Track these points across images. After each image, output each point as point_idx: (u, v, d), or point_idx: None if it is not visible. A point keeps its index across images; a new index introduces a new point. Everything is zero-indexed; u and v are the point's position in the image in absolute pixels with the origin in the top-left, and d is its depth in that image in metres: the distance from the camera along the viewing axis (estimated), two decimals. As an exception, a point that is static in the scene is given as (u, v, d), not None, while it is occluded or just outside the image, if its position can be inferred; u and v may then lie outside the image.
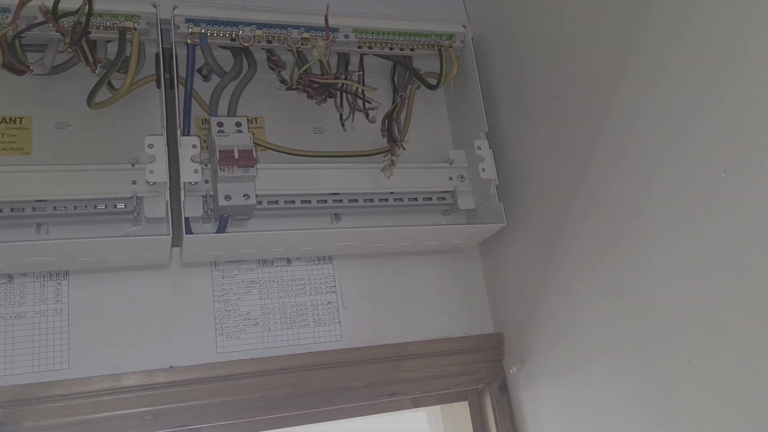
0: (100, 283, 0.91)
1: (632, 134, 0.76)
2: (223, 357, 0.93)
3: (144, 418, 0.86)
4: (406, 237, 0.98)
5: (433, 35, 1.04)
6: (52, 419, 0.82)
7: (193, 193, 0.87)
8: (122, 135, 0.93)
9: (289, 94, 1.00)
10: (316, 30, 0.95)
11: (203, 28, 0.91)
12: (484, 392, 1.06)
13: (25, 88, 0.91)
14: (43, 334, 0.86)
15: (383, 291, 1.05)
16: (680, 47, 0.69)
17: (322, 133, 1.05)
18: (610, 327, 0.81)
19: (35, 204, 0.82)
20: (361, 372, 0.98)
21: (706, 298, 0.66)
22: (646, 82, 0.74)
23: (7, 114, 0.89)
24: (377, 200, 0.98)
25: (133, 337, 0.90)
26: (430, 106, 1.12)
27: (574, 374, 0.88)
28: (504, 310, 1.06)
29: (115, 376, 0.86)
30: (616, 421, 0.80)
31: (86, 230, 0.87)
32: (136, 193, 0.86)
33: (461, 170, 1.03)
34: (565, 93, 0.89)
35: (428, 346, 1.03)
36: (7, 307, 0.86)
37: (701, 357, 0.67)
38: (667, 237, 0.71)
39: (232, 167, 0.83)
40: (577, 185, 0.86)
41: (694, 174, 0.67)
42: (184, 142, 0.84)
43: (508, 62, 1.03)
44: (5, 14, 0.82)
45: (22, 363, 0.84)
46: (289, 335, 0.98)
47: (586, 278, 0.85)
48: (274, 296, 0.99)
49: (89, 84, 0.89)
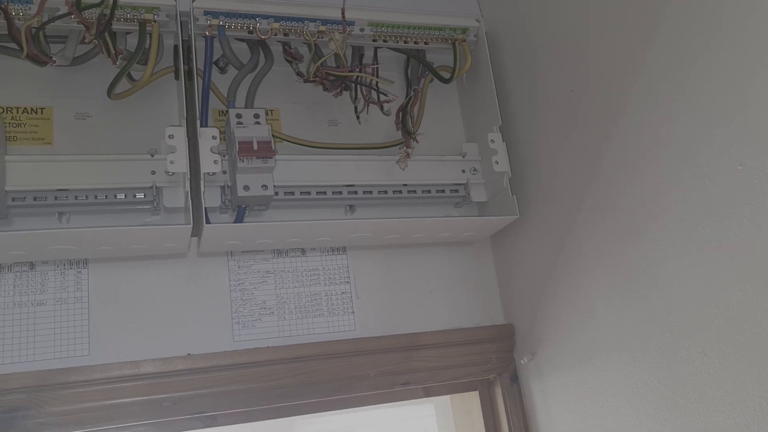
0: (118, 272, 0.92)
1: (647, 128, 0.77)
2: (240, 345, 0.94)
3: (162, 405, 0.87)
4: (420, 228, 1.00)
5: (447, 29, 1.05)
6: (74, 404, 0.83)
7: (210, 184, 0.89)
8: (141, 125, 0.94)
9: (303, 87, 1.01)
10: (332, 23, 0.96)
11: (221, 20, 0.92)
12: (495, 382, 1.07)
13: (45, 79, 0.92)
14: (64, 321, 0.88)
15: (396, 282, 1.06)
16: (696, 41, 0.70)
17: (336, 125, 1.06)
18: (622, 318, 0.82)
19: (57, 193, 0.84)
20: (375, 361, 0.99)
21: (720, 290, 0.67)
22: (662, 76, 0.75)
23: (28, 104, 0.90)
24: (391, 192, 1.00)
25: (151, 324, 0.91)
26: (442, 100, 1.13)
27: (586, 365, 0.90)
28: (515, 302, 1.08)
29: (135, 363, 0.87)
30: (628, 411, 0.82)
31: (106, 219, 0.89)
32: (155, 183, 0.87)
33: (474, 163, 1.04)
34: (580, 87, 0.90)
35: (440, 337, 1.04)
36: (29, 295, 0.88)
37: (715, 347, 0.68)
38: (681, 229, 0.72)
39: (251, 158, 0.85)
40: (591, 179, 0.87)
41: (709, 167, 0.68)
42: (204, 133, 0.85)
43: (521, 56, 1.04)
44: (27, 5, 0.83)
45: (43, 349, 0.86)
46: (303, 324, 0.99)
47: (599, 270, 0.86)
48: (289, 286, 1.00)
49: (108, 75, 0.91)
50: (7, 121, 0.88)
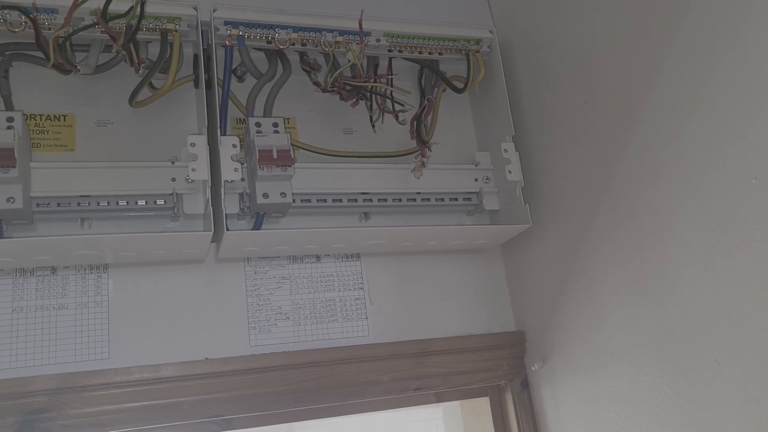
0: (138, 277, 0.94)
1: (661, 140, 0.79)
2: (256, 350, 0.96)
3: (181, 408, 0.89)
4: (433, 236, 1.01)
5: (461, 40, 1.06)
6: (95, 407, 0.85)
7: (229, 191, 0.90)
8: (161, 133, 0.95)
9: (319, 95, 1.02)
10: (349, 34, 0.98)
11: (241, 30, 0.94)
12: (506, 388, 1.09)
13: (68, 86, 0.93)
14: (85, 325, 0.89)
15: (409, 288, 1.08)
16: (711, 53, 0.71)
17: (351, 133, 1.07)
18: (635, 326, 0.84)
19: (80, 199, 0.85)
20: (388, 367, 1.01)
21: (733, 300, 0.69)
22: (676, 88, 0.76)
23: (51, 112, 0.92)
24: (405, 200, 1.01)
25: (170, 329, 0.93)
26: (455, 109, 1.14)
27: (597, 372, 0.91)
28: (526, 309, 1.09)
29: (154, 367, 0.89)
30: (640, 418, 0.83)
31: (127, 225, 0.90)
32: (176, 190, 0.88)
33: (486, 172, 1.05)
34: (593, 98, 0.91)
35: (452, 343, 1.06)
36: (51, 299, 0.89)
37: (728, 357, 0.69)
38: (696, 241, 0.73)
39: (270, 166, 0.86)
40: (604, 189, 0.89)
41: (725, 179, 0.69)
42: (225, 141, 0.87)
43: (534, 67, 1.06)
44: (53, 15, 0.85)
45: (65, 352, 0.87)
46: (318, 330, 1.00)
47: (611, 279, 0.88)
48: (304, 292, 1.02)
49: (129, 83, 0.92)
50: (31, 128, 0.90)
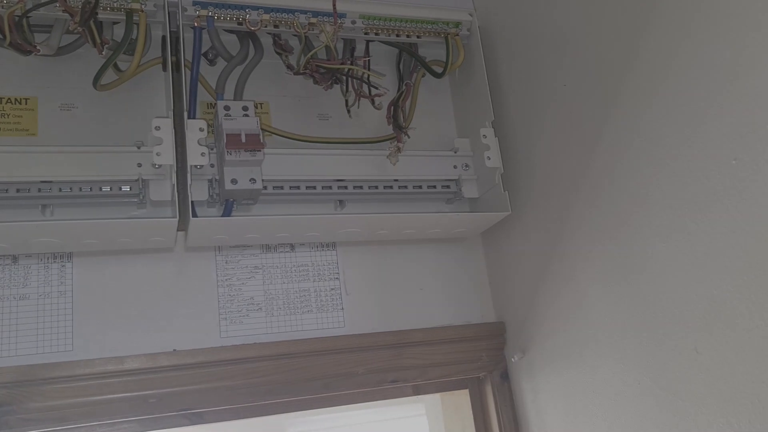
0: (103, 266, 0.91)
1: (641, 123, 0.77)
2: (227, 341, 0.93)
3: (148, 401, 0.86)
4: (411, 224, 0.99)
5: (440, 23, 1.04)
6: (57, 400, 0.82)
7: (198, 177, 0.87)
8: (127, 117, 0.92)
9: (293, 80, 1.00)
10: (323, 15, 0.95)
11: (210, 11, 0.91)
12: (485, 380, 1.06)
13: (30, 68, 0.90)
14: (47, 315, 0.86)
15: (386, 278, 1.05)
16: (690, 35, 0.69)
17: (326, 119, 1.04)
18: (613, 315, 0.82)
19: (41, 185, 0.82)
20: (364, 358, 0.98)
21: (713, 286, 0.66)
22: (656, 71, 0.74)
23: (12, 95, 0.89)
24: (382, 187, 0.99)
25: (137, 320, 0.90)
26: (434, 94, 1.12)
27: (576, 362, 0.89)
28: (506, 299, 1.07)
29: (119, 359, 0.86)
30: (619, 408, 0.81)
31: (91, 212, 0.87)
32: (142, 176, 0.85)
33: (466, 159, 1.03)
34: (573, 81, 0.89)
35: (430, 334, 1.03)
36: (11, 288, 0.86)
37: (707, 344, 0.67)
38: (674, 225, 0.71)
39: (239, 151, 0.83)
40: (583, 173, 0.87)
41: (704, 162, 0.67)
42: (191, 125, 0.84)
43: (514, 51, 1.03)
44: (11, -7, 0.82)
45: (26, 344, 0.84)
46: (292, 321, 0.98)
47: (590, 267, 0.86)
48: (277, 282, 0.99)
49: (95, 66, 0.89)
50: (-10, 111, 0.87)
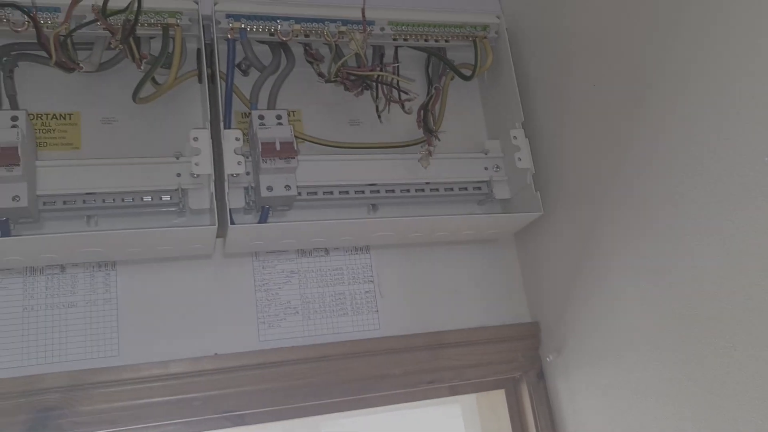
0: (146, 273, 0.94)
1: (672, 121, 0.76)
2: (266, 345, 0.95)
3: (191, 404, 0.89)
4: (443, 227, 1.00)
5: (468, 26, 1.04)
6: (105, 404, 0.85)
7: (234, 185, 0.90)
8: (165, 129, 0.95)
9: (324, 87, 1.01)
10: (352, 23, 0.97)
11: (243, 23, 0.93)
12: (521, 380, 1.07)
13: (73, 85, 0.94)
14: (94, 322, 0.90)
15: (420, 280, 1.06)
16: (720, 32, 0.69)
17: (358, 124, 1.06)
18: (648, 314, 0.81)
19: (85, 197, 0.85)
20: (400, 360, 0.99)
21: (749, 285, 0.66)
22: (686, 69, 0.74)
23: (57, 110, 0.92)
24: (413, 190, 1.00)
25: (179, 325, 0.93)
26: (463, 97, 1.12)
27: (612, 361, 0.89)
28: (540, 299, 1.07)
29: (163, 363, 0.88)
30: (656, 408, 0.81)
31: (133, 222, 0.90)
32: (181, 186, 0.88)
33: (496, 160, 1.03)
34: (603, 82, 0.89)
35: (465, 335, 1.04)
36: (60, 297, 0.90)
37: (745, 342, 0.67)
38: (708, 224, 0.71)
39: (273, 159, 0.85)
40: (615, 173, 0.86)
41: (736, 159, 0.67)
42: (227, 135, 0.86)
43: (542, 52, 1.03)
44: (55, 14, 0.85)
45: (75, 350, 0.88)
46: (328, 324, 1.00)
47: (624, 266, 0.85)
48: (313, 286, 1.01)
49: (133, 80, 0.92)
50: (36, 127, 0.90)
